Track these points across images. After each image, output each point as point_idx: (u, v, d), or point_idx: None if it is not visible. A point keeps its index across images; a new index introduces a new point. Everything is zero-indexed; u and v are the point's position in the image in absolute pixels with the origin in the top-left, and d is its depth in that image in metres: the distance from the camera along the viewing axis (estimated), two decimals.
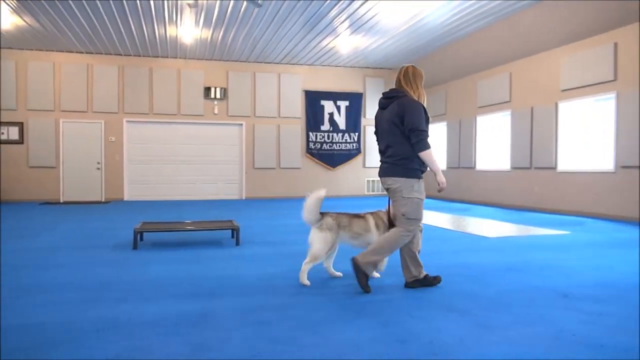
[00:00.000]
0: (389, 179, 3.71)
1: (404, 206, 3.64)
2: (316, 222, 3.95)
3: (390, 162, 3.69)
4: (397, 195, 3.67)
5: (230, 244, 5.95)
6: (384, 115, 3.78)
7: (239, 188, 14.41)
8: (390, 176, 3.69)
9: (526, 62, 10.84)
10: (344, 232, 3.94)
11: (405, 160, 3.63)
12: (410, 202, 3.62)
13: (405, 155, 3.63)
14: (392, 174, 3.68)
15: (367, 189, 15.43)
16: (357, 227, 3.96)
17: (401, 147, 3.64)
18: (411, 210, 3.63)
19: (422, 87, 3.83)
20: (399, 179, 3.64)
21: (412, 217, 3.64)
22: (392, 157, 3.68)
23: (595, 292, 3.68)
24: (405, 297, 3.54)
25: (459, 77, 13.35)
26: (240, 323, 2.93)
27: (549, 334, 2.73)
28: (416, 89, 3.79)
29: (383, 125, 3.78)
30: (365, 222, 3.97)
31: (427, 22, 10.38)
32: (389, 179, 3.71)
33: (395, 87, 3.84)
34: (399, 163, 3.64)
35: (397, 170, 3.65)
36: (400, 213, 3.66)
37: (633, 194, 8.26)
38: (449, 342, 2.62)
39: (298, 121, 14.79)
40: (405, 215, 3.64)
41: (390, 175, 3.69)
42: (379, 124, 3.87)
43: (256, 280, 4.09)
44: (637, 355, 2.41)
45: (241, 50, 12.93)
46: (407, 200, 3.62)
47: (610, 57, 8.69)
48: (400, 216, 3.67)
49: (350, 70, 15.14)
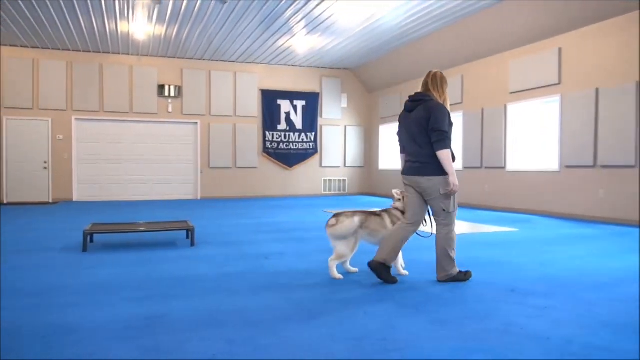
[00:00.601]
0: (421, 178, 3.88)
1: (444, 202, 3.86)
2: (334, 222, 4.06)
3: (422, 162, 3.87)
4: (433, 193, 3.86)
5: (185, 245, 5.85)
6: (411, 118, 3.95)
7: (194, 188, 14.18)
8: (424, 175, 3.86)
9: (477, 65, 11.18)
10: (362, 230, 4.07)
11: (436, 159, 3.82)
12: (447, 196, 3.85)
13: (435, 155, 3.82)
14: (426, 174, 3.85)
15: (323, 189, 15.50)
16: (375, 225, 4.11)
17: (431, 147, 3.83)
18: (450, 203, 3.88)
19: (447, 92, 4.04)
20: (434, 178, 3.83)
21: (452, 210, 3.90)
22: (423, 157, 3.86)
23: (540, 286, 3.84)
24: (360, 295, 3.58)
25: (414, 79, 13.60)
26: (195, 325, 2.89)
27: (498, 328, 2.83)
28: (442, 93, 3.99)
29: (411, 127, 3.94)
30: (381, 219, 4.15)
31: (382, 24, 10.54)
32: (421, 178, 3.88)
33: (421, 91, 4.01)
34: (432, 162, 3.83)
35: (430, 169, 3.83)
36: (441, 209, 3.88)
37: (576, 192, 8.67)
38: (402, 338, 2.67)
39: (254, 120, 14.69)
40: (446, 210, 3.87)
41: (424, 175, 3.86)
42: (405, 125, 4.03)
43: (212, 281, 4.04)
44: (580, 346, 2.53)
45: (196, 48, 12.72)
46: (444, 195, 3.85)
47: (555, 61, 9.08)
48: (440, 212, 3.89)
49: (307, 70, 15.17)
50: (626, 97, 7.78)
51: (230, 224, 7.97)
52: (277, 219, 8.69)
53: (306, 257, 5.08)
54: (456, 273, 3.96)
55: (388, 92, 15.00)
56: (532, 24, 9.22)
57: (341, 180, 15.77)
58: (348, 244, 4.06)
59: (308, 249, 5.58)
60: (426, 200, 3.95)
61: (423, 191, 3.91)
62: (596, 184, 8.33)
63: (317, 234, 6.85)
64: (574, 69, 8.78)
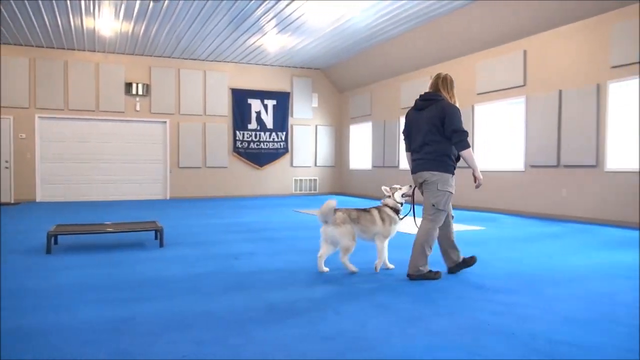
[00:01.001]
0: (426, 172, 4.02)
1: (436, 197, 3.98)
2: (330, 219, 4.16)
3: (429, 158, 4.01)
4: (432, 187, 4.00)
5: (154, 246, 5.75)
6: (421, 116, 4.07)
7: (163, 188, 13.95)
8: (429, 170, 4.00)
9: (445, 66, 11.35)
10: (355, 226, 4.21)
11: (444, 156, 3.99)
12: (442, 194, 3.98)
13: (444, 152, 3.99)
14: (431, 169, 4.00)
15: (294, 188, 15.48)
16: (365, 220, 4.25)
17: (439, 145, 3.98)
18: (442, 201, 3.98)
19: (455, 93, 4.18)
20: (437, 173, 3.98)
21: (441, 208, 3.99)
22: (430, 153, 4.01)
23: (507, 283, 3.93)
24: (331, 294, 3.59)
25: (384, 79, 13.74)
26: (164, 327, 2.84)
27: (466, 325, 2.88)
28: (452, 94, 4.14)
29: (421, 125, 4.06)
30: (371, 215, 4.28)
31: (352, 24, 10.59)
32: (426, 173, 4.02)
33: (431, 91, 4.14)
34: (438, 159, 3.99)
35: (435, 165, 3.99)
36: (431, 203, 3.99)
37: (540, 191, 8.91)
38: (374, 336, 2.69)
39: (224, 119, 14.56)
40: (436, 206, 3.98)
41: (429, 170, 4.00)
42: (414, 123, 4.16)
43: (181, 282, 3.98)
44: (544, 341, 2.60)
45: (165, 46, 12.52)
46: (441, 192, 3.97)
47: (520, 63, 9.31)
48: (429, 206, 4.00)
49: (277, 70, 15.12)
50: (587, 99, 8.03)
51: (199, 224, 7.88)
52: (247, 219, 8.64)
53: (277, 257, 5.07)
54: (426, 271, 4.02)
55: (358, 92, 15.09)
56: (498, 27, 9.43)
57: (312, 179, 15.78)
58: (348, 235, 4.16)
59: (278, 249, 5.57)
60: (424, 191, 4.08)
61: (426, 184, 4.05)
62: (559, 183, 8.57)
63: (287, 233, 6.84)
64: (538, 71, 9.02)
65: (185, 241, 6.13)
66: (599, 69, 7.89)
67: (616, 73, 7.66)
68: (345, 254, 4.20)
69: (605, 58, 7.81)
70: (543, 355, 2.42)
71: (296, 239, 6.35)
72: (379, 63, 13.12)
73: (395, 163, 13.12)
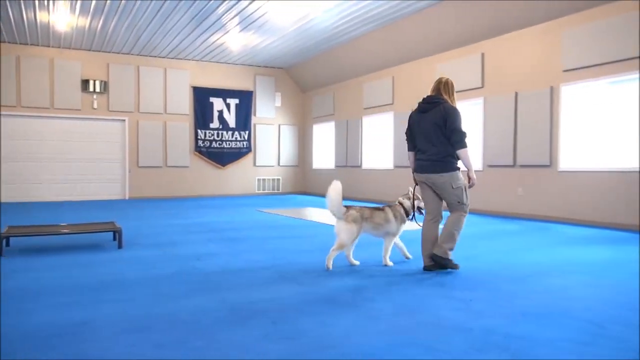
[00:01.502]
0: (434, 175, 4.25)
1: (456, 195, 4.24)
2: (342, 214, 4.36)
3: (435, 159, 4.24)
4: (446, 187, 4.24)
5: (112, 247, 5.60)
6: (425, 118, 4.30)
7: (122, 188, 13.60)
8: (437, 172, 4.24)
9: (407, 67, 11.53)
10: (367, 223, 4.40)
11: (449, 157, 4.23)
12: (459, 190, 4.23)
13: (448, 153, 4.22)
14: (439, 171, 4.23)
15: (257, 188, 15.39)
16: (378, 218, 4.45)
17: (444, 146, 4.22)
18: (462, 195, 4.24)
19: (455, 96, 4.44)
20: (446, 174, 4.22)
21: (465, 202, 4.26)
22: (436, 154, 4.24)
23: (465, 280, 4.03)
24: (294, 294, 3.59)
25: (347, 79, 13.82)
26: (122, 330, 2.77)
27: (427, 321, 2.93)
28: (452, 98, 4.38)
29: (425, 127, 4.29)
30: (385, 213, 4.48)
31: (315, 24, 10.61)
32: (434, 175, 4.26)
33: (433, 94, 4.37)
34: (444, 160, 4.22)
35: (442, 166, 4.22)
36: (455, 201, 4.25)
37: (497, 190, 9.16)
38: (336, 335, 2.70)
39: (186, 118, 14.33)
40: (460, 202, 4.24)
41: (437, 172, 4.24)
42: (417, 125, 4.38)
43: (140, 284, 3.89)
44: (501, 336, 2.68)
45: (123, 42, 12.21)
46: (456, 189, 4.22)
47: (478, 65, 9.55)
48: (455, 204, 4.25)
49: (240, 68, 14.99)
50: (541, 101, 8.32)
51: (160, 225, 7.73)
52: (209, 219, 8.53)
53: (239, 257, 5.03)
54: (450, 255, 4.24)
55: (321, 92, 15.14)
56: (458, 30, 9.64)
57: (275, 179, 15.73)
58: (350, 234, 4.34)
59: (241, 249, 5.52)
60: (440, 195, 4.32)
61: (436, 187, 4.29)
62: (515, 182, 8.85)
63: (250, 233, 6.79)
64: (495, 74, 9.27)
65: (145, 242, 6.00)
66: (552, 73, 8.19)
67: (568, 77, 7.96)
68: (336, 250, 4.36)
69: (557, 62, 8.10)
70: (500, 349, 2.49)
71: (259, 238, 6.31)
72: (341, 63, 13.20)
73: (358, 163, 13.22)
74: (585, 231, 6.98)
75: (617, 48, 7.19)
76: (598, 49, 7.43)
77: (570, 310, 3.18)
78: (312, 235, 6.72)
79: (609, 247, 5.68)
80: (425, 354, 2.43)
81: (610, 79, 7.38)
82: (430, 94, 4.41)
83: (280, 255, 5.12)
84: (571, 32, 7.83)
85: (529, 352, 2.46)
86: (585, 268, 4.50)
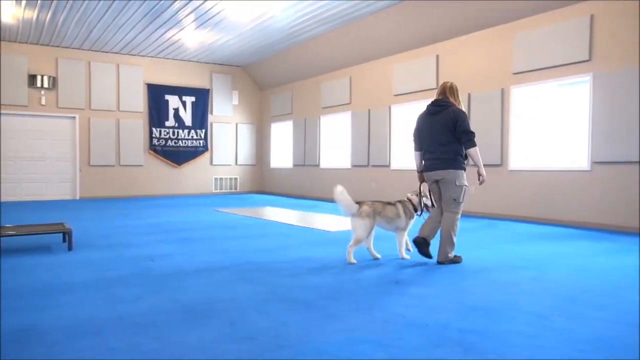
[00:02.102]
0: (442, 171, 4.56)
1: (456, 192, 4.55)
2: (356, 211, 4.61)
3: (444, 157, 4.55)
4: (450, 184, 4.55)
5: (62, 249, 5.41)
6: (434, 120, 4.62)
7: (72, 187, 13.13)
8: (445, 169, 4.54)
9: (364, 67, 11.65)
10: (380, 217, 4.67)
11: (457, 155, 4.55)
12: (460, 189, 4.56)
13: (456, 152, 4.54)
14: (447, 167, 4.54)
15: (214, 187, 15.19)
16: (390, 213, 4.73)
17: (453, 146, 4.53)
18: (461, 195, 4.57)
19: (460, 99, 4.75)
20: (452, 171, 4.53)
21: (461, 201, 4.59)
22: (446, 153, 4.54)
23: (420, 277, 4.12)
24: (252, 294, 3.57)
25: (305, 78, 13.83)
26: (72, 335, 2.68)
27: (383, 318, 2.98)
28: (458, 100, 4.70)
29: (435, 128, 4.60)
30: (395, 208, 4.77)
31: (272, 22, 10.57)
32: (442, 171, 4.56)
33: (440, 98, 4.68)
34: (453, 158, 4.54)
35: (450, 164, 4.53)
36: (452, 198, 4.55)
37: None
38: (294, 334, 2.71)
39: (140, 116, 13.97)
40: (457, 200, 4.56)
41: (445, 169, 4.55)
42: (426, 126, 4.70)
43: (91, 287, 3.78)
44: (454, 330, 2.76)
45: (74, 36, 11.78)
46: (459, 187, 4.55)
47: (433, 67, 9.76)
48: (452, 200, 4.56)
49: (196, 65, 14.74)
50: (493, 103, 8.59)
51: (113, 226, 7.51)
52: (164, 219, 8.36)
53: (195, 258, 4.95)
54: (453, 257, 4.60)
55: (279, 91, 15.09)
56: (414, 31, 9.82)
57: (232, 178, 15.57)
58: (366, 229, 4.60)
59: (197, 249, 5.44)
60: (442, 187, 4.61)
61: (443, 182, 4.57)
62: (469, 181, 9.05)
63: (206, 233, 6.70)
64: (449, 75, 9.49)
65: (97, 244, 5.82)
66: (504, 75, 8.47)
67: (517, 79, 8.25)
68: (354, 245, 4.64)
69: (508, 65, 8.39)
70: (453, 343, 2.56)
71: (216, 238, 6.24)
72: (299, 62, 13.20)
73: (316, 162, 13.27)
74: (532, 228, 7.25)
75: (567, 51, 7.50)
76: (549, 52, 7.73)
77: (518, 304, 3.30)
78: (270, 234, 6.70)
79: (554, 242, 5.94)
80: (381, 351, 2.47)
81: (560, 81, 7.69)
82: (437, 97, 4.72)
83: (237, 255, 5.08)
84: (523, 35, 8.12)
85: (480, 345, 2.54)
86: (531, 263, 4.68)
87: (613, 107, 6.96)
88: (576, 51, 7.38)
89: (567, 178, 7.55)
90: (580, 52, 7.33)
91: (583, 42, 7.29)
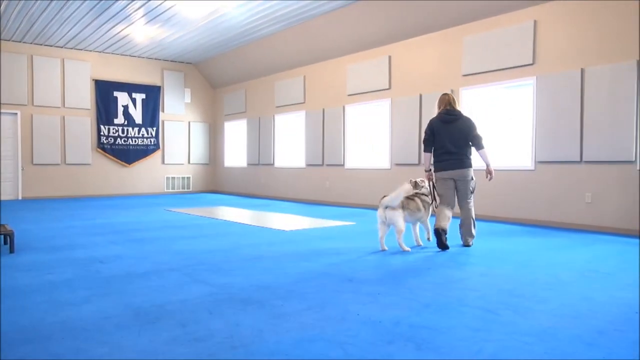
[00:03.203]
0: (462, 170, 5.41)
1: (471, 185, 5.48)
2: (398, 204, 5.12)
3: (462, 159, 5.41)
4: (467, 179, 5.43)
5: (3, 252, 5.15)
6: (450, 127, 5.43)
7: (14, 187, 12.51)
8: (465, 168, 5.42)
9: (318, 67, 11.70)
10: (404, 210, 5.17)
11: (470, 156, 5.48)
12: (474, 181, 5.51)
13: (470, 153, 5.48)
14: (465, 167, 5.42)
15: (166, 187, 14.86)
16: (413, 206, 5.25)
17: (467, 148, 5.45)
18: (475, 186, 5.55)
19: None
20: (469, 169, 5.45)
21: (473, 191, 5.50)
22: (463, 155, 5.42)
23: (374, 275, 4.18)
24: (204, 295, 3.52)
25: (258, 77, 13.74)
26: (13, 341, 2.56)
27: (337, 316, 3.01)
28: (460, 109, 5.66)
29: (453, 134, 5.41)
30: (415, 203, 5.31)
31: (226, 19, 10.44)
32: (462, 170, 5.41)
33: (449, 108, 5.50)
34: (468, 158, 5.45)
35: (467, 163, 5.44)
36: (469, 190, 5.45)
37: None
38: (247, 334, 2.69)
39: (87, 113, 13.48)
40: (472, 191, 5.49)
41: (464, 167, 5.42)
42: (441, 131, 5.44)
43: (34, 291, 3.61)
44: (407, 326, 2.81)
45: (14, 29, 11.22)
46: (472, 180, 5.48)
47: (385, 68, 9.91)
48: (468, 192, 5.45)
49: (147, 62, 14.37)
50: None
51: (58, 227, 7.22)
52: (114, 220, 8.10)
53: (145, 259, 4.83)
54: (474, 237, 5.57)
55: (233, 89, 14.93)
56: (367, 32, 9.94)
57: (185, 177, 15.28)
58: (403, 219, 5.11)
59: (147, 250, 5.31)
60: (460, 184, 5.42)
61: (461, 179, 5.41)
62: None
63: (158, 233, 6.55)
64: (401, 76, 9.68)
65: (42, 246, 5.58)
66: (454, 77, 8.70)
67: (467, 81, 8.50)
68: (400, 235, 5.11)
69: (458, 67, 8.63)
70: (406, 339, 2.62)
71: (167, 239, 6.11)
72: (253, 60, 13.10)
73: (271, 161, 13.21)
74: (481, 225, 7.48)
75: (513, 55, 7.78)
76: (496, 55, 8.01)
77: (467, 299, 3.41)
78: (223, 234, 6.62)
79: (501, 239, 6.16)
80: (334, 348, 2.49)
81: (506, 83, 7.98)
82: (446, 107, 5.50)
83: (189, 256, 4.99)
84: (471, 38, 8.37)
85: (431, 340, 2.61)
86: (479, 260, 4.84)
87: (555, 109, 7.29)
88: (521, 55, 7.68)
89: (513, 177, 7.85)
90: (524, 56, 7.63)
91: (527, 47, 7.59)
